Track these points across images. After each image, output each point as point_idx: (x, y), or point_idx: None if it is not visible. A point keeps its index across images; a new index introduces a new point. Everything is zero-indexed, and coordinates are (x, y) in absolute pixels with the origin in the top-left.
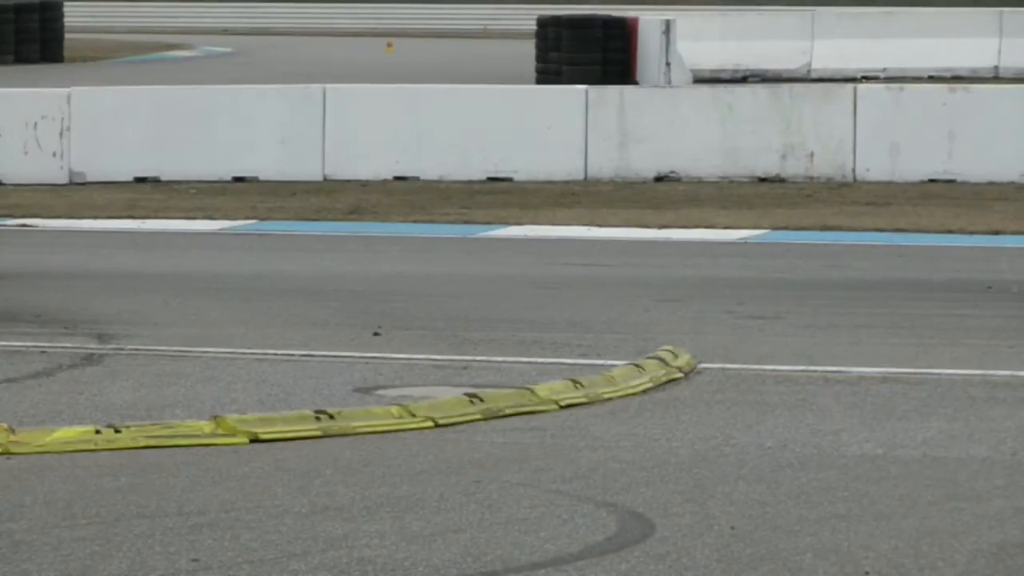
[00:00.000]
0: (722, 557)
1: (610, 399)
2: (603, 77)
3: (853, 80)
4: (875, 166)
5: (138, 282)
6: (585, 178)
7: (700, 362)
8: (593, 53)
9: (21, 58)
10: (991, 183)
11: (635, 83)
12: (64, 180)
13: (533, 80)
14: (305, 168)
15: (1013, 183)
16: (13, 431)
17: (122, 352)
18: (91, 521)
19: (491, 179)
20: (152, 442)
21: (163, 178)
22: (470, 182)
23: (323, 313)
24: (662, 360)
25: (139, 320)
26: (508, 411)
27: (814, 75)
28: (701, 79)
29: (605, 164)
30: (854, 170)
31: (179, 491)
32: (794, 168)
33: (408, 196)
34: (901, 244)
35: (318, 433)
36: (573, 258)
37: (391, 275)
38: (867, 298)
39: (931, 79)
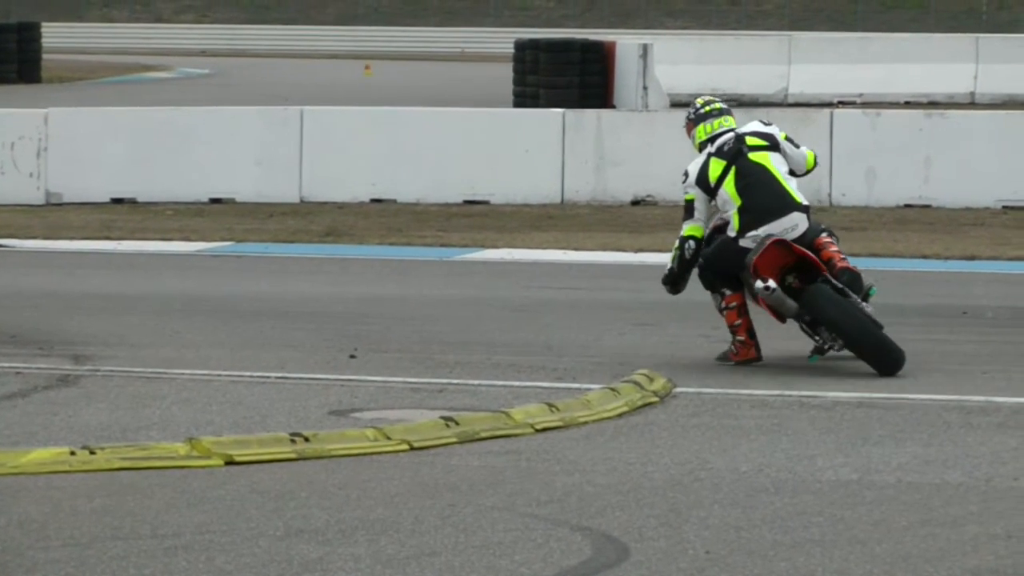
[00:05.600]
0: None
1: (586, 423)
2: (580, 101)
3: (830, 105)
4: (851, 191)
5: (114, 303)
6: (562, 201)
7: (675, 386)
8: (571, 77)
9: None
10: (967, 208)
11: (612, 107)
12: (41, 201)
13: (511, 103)
14: (282, 190)
15: (988, 209)
16: None
17: (98, 373)
18: (65, 543)
19: (468, 202)
20: (127, 464)
21: (140, 199)
22: (447, 205)
23: (299, 335)
24: (638, 384)
25: (115, 341)
26: (483, 434)
27: (791, 100)
28: (678, 103)
29: (582, 187)
30: (830, 195)
31: (154, 513)
32: None
33: (385, 218)
34: (876, 269)
35: (293, 456)
36: (549, 281)
37: (367, 297)
38: None
39: (907, 104)
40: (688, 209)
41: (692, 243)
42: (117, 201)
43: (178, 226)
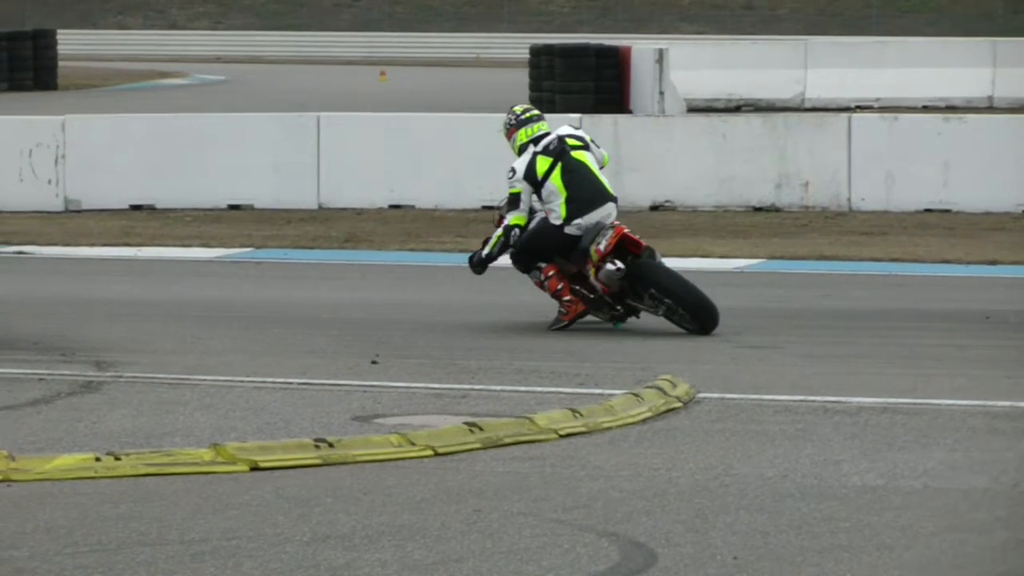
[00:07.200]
0: None
1: (609, 428)
2: (596, 106)
3: (847, 110)
4: (870, 196)
5: (135, 310)
6: None
7: (699, 391)
8: (586, 82)
9: (15, 85)
10: (987, 213)
11: (629, 112)
12: (59, 207)
13: None
14: (300, 196)
15: (1009, 213)
16: (13, 458)
17: (120, 380)
18: (92, 549)
19: (486, 207)
20: (152, 470)
21: (158, 206)
22: (464, 210)
23: (321, 341)
24: (661, 389)
25: (137, 348)
26: (508, 440)
27: (808, 104)
28: (695, 108)
29: None
30: (849, 199)
31: (180, 519)
32: (789, 198)
33: (403, 224)
34: (898, 274)
35: (318, 461)
36: None
37: (388, 303)
38: (865, 328)
39: (925, 109)
40: (513, 201)
41: (517, 231)
42: (135, 208)
43: (197, 232)
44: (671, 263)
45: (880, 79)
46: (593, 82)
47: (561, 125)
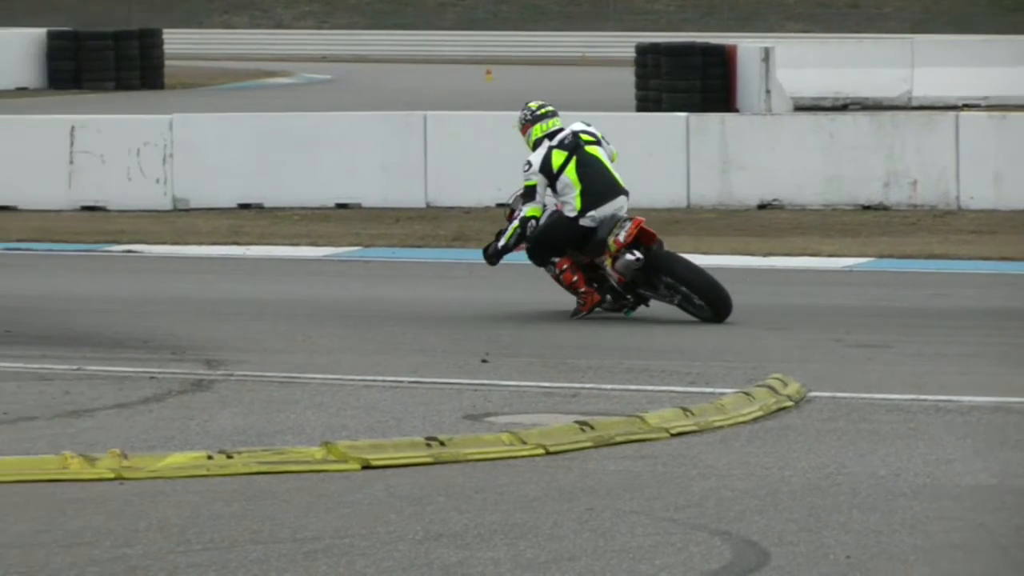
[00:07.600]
0: None
1: (721, 427)
2: (703, 104)
3: (954, 108)
4: (979, 194)
5: (244, 308)
6: (688, 206)
7: (810, 390)
8: (693, 80)
9: (122, 84)
10: None
11: (735, 110)
12: (168, 206)
13: (633, 107)
14: (408, 195)
15: None
16: (126, 456)
17: (231, 378)
18: (205, 547)
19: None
20: (264, 468)
21: (266, 204)
22: None
23: (430, 340)
24: (772, 388)
25: (247, 346)
26: (619, 439)
27: (915, 103)
28: (801, 107)
29: (707, 192)
30: (958, 198)
31: (292, 517)
32: (897, 196)
33: None
34: (1008, 273)
35: (429, 460)
36: None
37: (496, 302)
38: (975, 327)
39: None
40: (529, 193)
41: (533, 222)
42: (244, 206)
43: (305, 231)
44: (779, 261)
45: (987, 77)
46: (700, 81)
47: (574, 122)
